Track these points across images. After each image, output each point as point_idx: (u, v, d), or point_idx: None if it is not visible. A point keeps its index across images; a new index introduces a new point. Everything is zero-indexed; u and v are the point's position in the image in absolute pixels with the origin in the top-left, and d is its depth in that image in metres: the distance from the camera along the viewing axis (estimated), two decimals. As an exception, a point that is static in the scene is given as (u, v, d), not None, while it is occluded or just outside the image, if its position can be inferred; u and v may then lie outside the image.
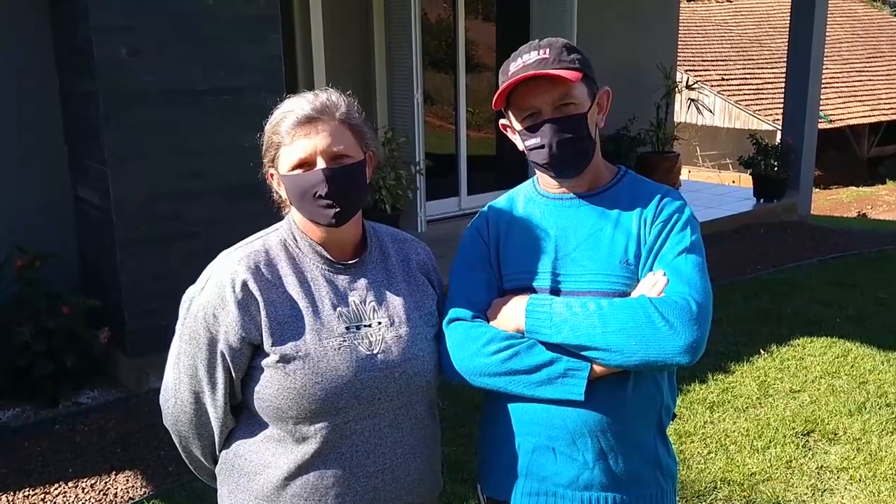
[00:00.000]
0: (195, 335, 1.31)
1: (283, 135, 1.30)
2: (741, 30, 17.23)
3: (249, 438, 1.34)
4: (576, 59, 1.40)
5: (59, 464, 3.06)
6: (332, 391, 1.28)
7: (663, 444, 1.48)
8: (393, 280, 1.41)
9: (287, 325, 1.29)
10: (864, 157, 15.28)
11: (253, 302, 1.28)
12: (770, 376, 3.82)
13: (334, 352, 1.29)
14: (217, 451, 1.40)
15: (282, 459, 1.31)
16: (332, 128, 1.30)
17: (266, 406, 1.30)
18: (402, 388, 1.34)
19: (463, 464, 2.93)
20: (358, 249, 1.41)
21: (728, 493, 2.86)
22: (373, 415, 1.32)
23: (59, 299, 3.57)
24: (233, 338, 1.28)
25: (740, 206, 7.06)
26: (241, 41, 3.72)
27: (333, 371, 1.28)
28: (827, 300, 4.91)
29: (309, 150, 1.29)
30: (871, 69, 16.33)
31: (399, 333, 1.35)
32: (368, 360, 1.31)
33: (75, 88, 3.76)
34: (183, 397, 1.35)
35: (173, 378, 1.36)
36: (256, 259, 1.32)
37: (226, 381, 1.31)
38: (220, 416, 1.34)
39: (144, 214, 3.58)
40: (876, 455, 3.10)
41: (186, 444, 1.41)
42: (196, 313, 1.31)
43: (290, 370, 1.27)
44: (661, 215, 1.43)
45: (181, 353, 1.34)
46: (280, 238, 1.37)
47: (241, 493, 1.35)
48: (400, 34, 5.76)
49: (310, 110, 1.30)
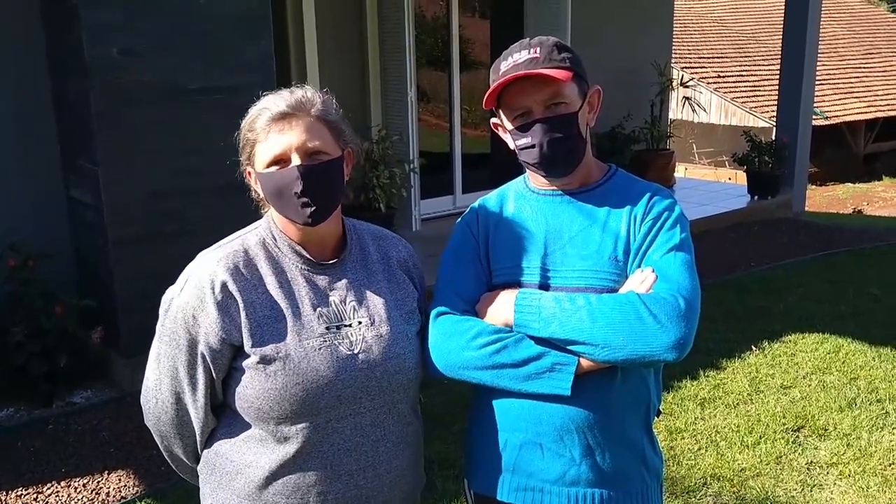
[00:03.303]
0: (175, 336, 1.31)
1: (259, 132, 1.29)
2: (738, 27, 17.23)
3: (231, 438, 1.34)
4: (566, 58, 1.41)
5: (52, 463, 3.07)
6: (314, 392, 1.27)
7: (649, 441, 1.49)
8: (373, 279, 1.41)
9: (267, 325, 1.29)
10: (861, 154, 15.28)
11: (233, 303, 1.28)
12: (761, 372, 3.84)
13: (315, 352, 1.29)
14: (199, 451, 1.41)
15: (263, 459, 1.31)
16: (307, 124, 1.29)
17: (247, 406, 1.30)
18: (384, 387, 1.35)
19: (454, 461, 2.94)
20: (338, 248, 1.40)
21: (718, 488, 2.87)
22: (354, 414, 1.32)
23: (53, 299, 3.58)
24: (213, 339, 1.28)
25: (735, 203, 7.07)
26: (233, 40, 3.72)
27: (314, 372, 1.28)
28: (819, 297, 4.93)
29: (283, 145, 1.27)
30: (867, 66, 16.34)
31: (380, 332, 1.35)
32: (349, 359, 1.31)
33: (68, 88, 3.76)
34: (164, 398, 1.35)
35: (154, 378, 1.36)
36: (235, 259, 1.31)
37: (206, 381, 1.31)
38: (201, 416, 1.34)
39: (138, 214, 3.58)
40: (865, 451, 3.12)
41: (168, 443, 1.41)
42: (175, 314, 1.31)
43: (271, 371, 1.27)
44: (651, 213, 1.43)
45: (161, 354, 1.33)
46: (259, 237, 1.36)
47: (223, 491, 1.36)
48: (394, 32, 5.76)
49: (284, 107, 1.28)
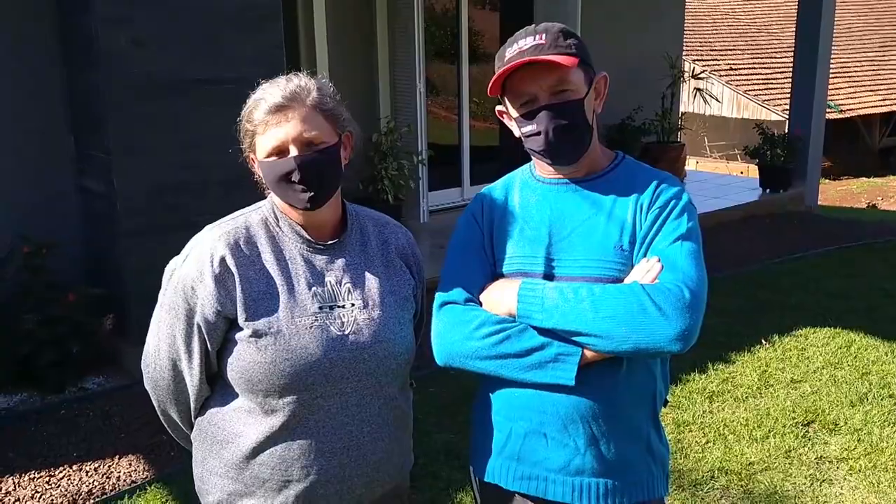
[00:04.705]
0: (174, 305, 1.35)
1: (257, 123, 1.33)
2: (750, 19, 17.06)
3: (222, 407, 1.38)
4: (572, 45, 1.39)
5: (64, 448, 3.10)
6: (302, 368, 1.30)
7: (655, 431, 1.48)
8: (370, 263, 1.43)
9: (261, 301, 1.32)
10: (876, 148, 15.12)
11: (230, 277, 1.32)
12: (771, 366, 3.82)
13: (306, 330, 1.32)
14: (193, 418, 1.45)
15: (251, 429, 1.34)
16: (303, 114, 1.31)
17: (237, 377, 1.33)
18: (372, 370, 1.37)
19: (459, 451, 2.94)
20: (338, 230, 1.43)
21: (726, 482, 2.86)
22: (341, 393, 1.35)
23: (64, 288, 3.61)
24: (209, 311, 1.32)
25: (746, 196, 7.02)
26: (244, 31, 3.72)
27: (304, 349, 1.31)
28: (831, 291, 4.89)
29: (281, 138, 1.31)
30: (883, 58, 16.13)
31: (371, 316, 1.37)
32: (339, 340, 1.34)
33: (80, 79, 3.78)
34: (161, 363, 1.39)
35: (154, 344, 1.40)
36: (237, 235, 1.35)
37: (201, 351, 1.35)
38: (195, 384, 1.38)
39: (149, 204, 3.60)
40: (877, 446, 3.09)
41: (164, 407, 1.46)
42: (176, 285, 1.35)
43: (262, 345, 1.30)
44: (658, 201, 1.41)
45: (161, 321, 1.38)
46: (262, 216, 1.40)
47: (213, 459, 1.40)
48: (403, 23, 5.75)
49: (280, 98, 1.31)
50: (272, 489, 1.35)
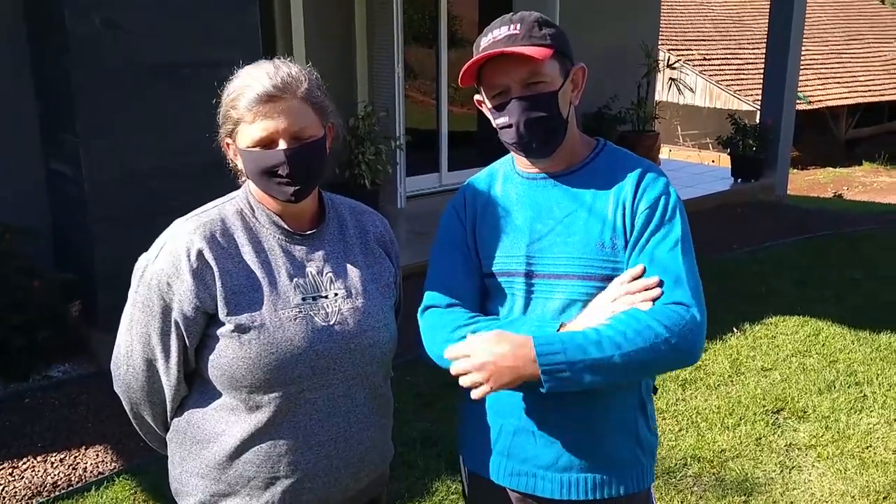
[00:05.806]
0: (148, 303, 1.30)
1: (243, 111, 1.27)
2: (723, 9, 17.21)
3: (202, 407, 1.34)
4: (548, 35, 1.35)
5: (29, 438, 3.03)
6: (287, 361, 1.28)
7: (644, 419, 1.48)
8: (350, 252, 1.41)
9: (243, 294, 1.29)
10: (842, 139, 15.44)
11: (208, 271, 1.28)
12: (742, 354, 3.89)
13: (290, 322, 1.29)
14: (168, 419, 1.41)
15: (235, 428, 1.31)
16: (294, 106, 1.27)
17: (220, 375, 1.29)
18: (358, 360, 1.35)
19: (437, 439, 2.94)
20: (315, 220, 1.40)
21: (698, 469, 2.91)
22: (327, 385, 1.32)
23: (32, 273, 3.51)
24: (187, 307, 1.27)
25: (718, 185, 7.11)
26: (219, 12, 3.63)
27: (289, 342, 1.28)
28: (800, 279, 4.99)
29: (271, 130, 1.26)
30: (850, 51, 16.43)
31: (355, 305, 1.35)
32: (324, 331, 1.31)
33: (49, 61, 3.66)
34: (136, 364, 1.34)
35: (125, 345, 1.35)
36: (212, 228, 1.31)
37: (179, 348, 1.30)
38: (173, 383, 1.33)
39: (119, 189, 3.51)
40: (843, 433, 3.17)
41: (138, 410, 1.41)
42: (150, 281, 1.30)
43: (246, 340, 1.27)
44: (645, 199, 1.38)
45: (134, 321, 1.32)
46: (237, 207, 1.35)
47: (193, 460, 1.36)
48: (381, 7, 5.67)
49: (271, 87, 1.26)
50: (258, 487, 1.32)
